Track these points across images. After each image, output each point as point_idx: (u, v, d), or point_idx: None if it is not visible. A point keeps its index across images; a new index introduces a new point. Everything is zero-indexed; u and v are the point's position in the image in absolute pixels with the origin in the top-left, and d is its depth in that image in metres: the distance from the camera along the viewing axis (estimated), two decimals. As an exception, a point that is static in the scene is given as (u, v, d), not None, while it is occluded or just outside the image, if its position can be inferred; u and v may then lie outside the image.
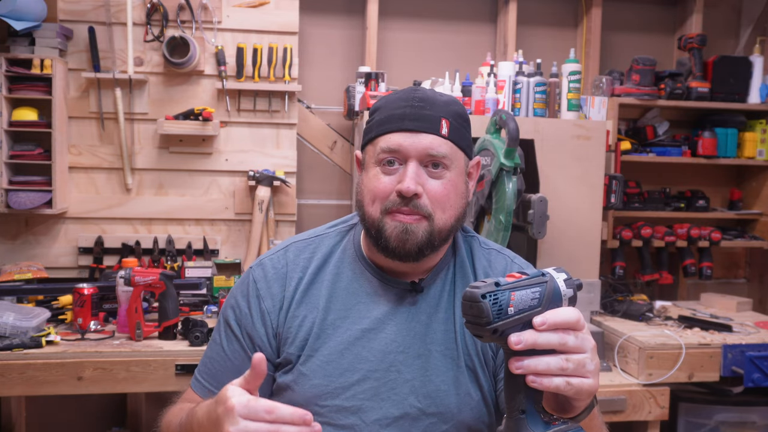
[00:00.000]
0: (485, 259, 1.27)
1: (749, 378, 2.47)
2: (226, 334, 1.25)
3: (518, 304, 0.85)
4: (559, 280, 0.89)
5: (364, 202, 1.19)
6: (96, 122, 2.89)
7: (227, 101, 2.94)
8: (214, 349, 1.27)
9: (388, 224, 1.15)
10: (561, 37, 3.36)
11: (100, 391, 2.23)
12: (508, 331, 0.85)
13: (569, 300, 0.89)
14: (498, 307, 0.84)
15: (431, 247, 1.16)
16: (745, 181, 3.42)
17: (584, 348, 0.88)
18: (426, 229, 1.14)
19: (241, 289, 1.26)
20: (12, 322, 2.22)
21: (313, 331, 1.19)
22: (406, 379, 1.18)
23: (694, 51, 3.13)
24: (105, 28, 2.84)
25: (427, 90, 1.20)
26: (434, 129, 1.15)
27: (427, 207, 1.14)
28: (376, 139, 1.17)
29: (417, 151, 1.14)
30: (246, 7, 2.95)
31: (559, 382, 0.85)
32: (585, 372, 0.87)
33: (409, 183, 1.12)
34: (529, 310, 0.86)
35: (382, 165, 1.16)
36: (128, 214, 2.93)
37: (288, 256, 1.25)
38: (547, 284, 0.88)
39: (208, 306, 2.68)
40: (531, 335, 0.85)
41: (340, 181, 3.21)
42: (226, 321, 1.26)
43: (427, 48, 3.28)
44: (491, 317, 0.83)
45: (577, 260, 2.69)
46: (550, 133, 2.67)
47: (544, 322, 0.86)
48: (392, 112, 1.17)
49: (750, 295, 3.41)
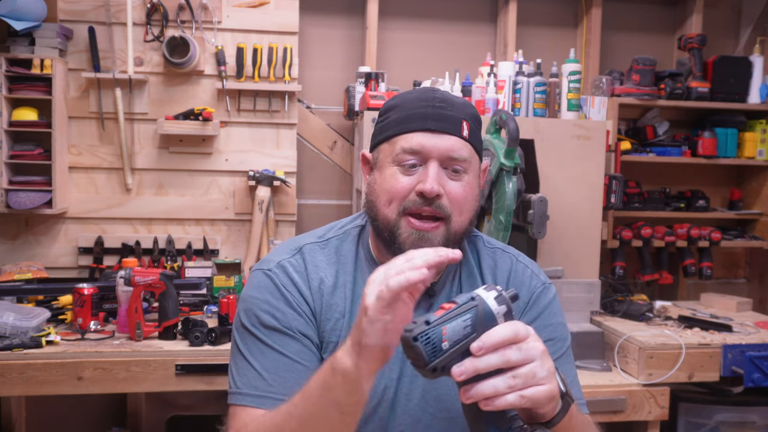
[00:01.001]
0: (491, 259, 1.27)
1: (749, 378, 2.47)
2: (276, 339, 1.13)
3: (451, 337, 0.85)
4: (489, 300, 0.88)
5: (378, 202, 1.15)
6: (96, 122, 2.89)
7: (227, 101, 2.94)
8: (269, 358, 1.12)
9: (404, 228, 1.12)
10: (561, 37, 3.36)
11: (100, 391, 2.23)
12: (449, 364, 0.85)
13: (504, 315, 0.88)
14: (432, 346, 0.84)
15: None
16: (745, 181, 3.42)
17: (530, 358, 0.87)
18: (443, 235, 1.13)
19: (270, 292, 1.16)
20: (12, 322, 2.22)
21: (341, 336, 1.16)
22: (419, 384, 1.18)
23: (694, 51, 3.13)
24: (105, 28, 2.84)
25: (443, 91, 1.18)
26: (456, 130, 1.13)
27: (447, 208, 1.12)
28: (395, 138, 1.14)
29: (439, 152, 1.12)
30: (246, 7, 2.95)
31: (512, 398, 0.86)
32: (536, 381, 0.87)
33: (432, 183, 1.10)
34: (464, 339, 0.85)
35: (401, 165, 1.13)
36: (128, 214, 2.93)
37: (305, 258, 1.20)
38: (477, 308, 0.87)
39: (208, 306, 2.68)
40: (471, 363, 0.85)
41: (340, 181, 3.21)
42: (268, 326, 1.13)
43: (427, 48, 3.27)
44: (426, 358, 0.84)
45: (577, 260, 2.70)
46: (550, 133, 2.67)
47: (481, 347, 0.85)
48: (412, 111, 1.14)
49: (750, 295, 3.41)
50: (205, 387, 2.26)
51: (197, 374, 2.24)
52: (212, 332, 2.30)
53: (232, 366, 1.16)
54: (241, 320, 1.17)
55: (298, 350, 1.13)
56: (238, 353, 1.15)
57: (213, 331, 2.31)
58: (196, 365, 2.24)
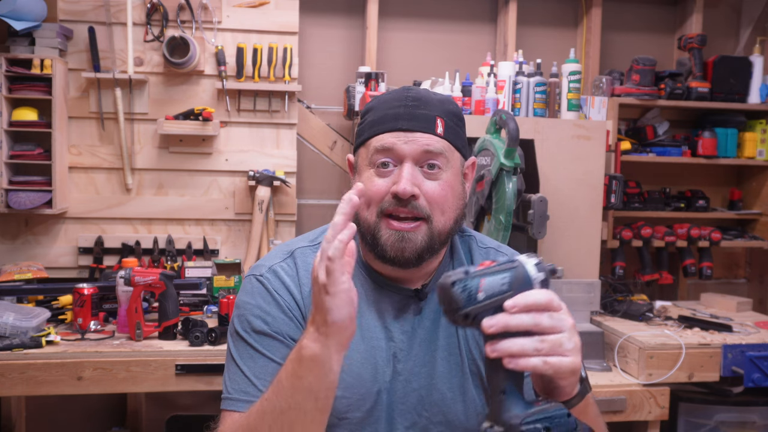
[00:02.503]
0: (483, 259, 1.25)
1: (749, 378, 2.47)
2: (266, 345, 1.13)
3: (488, 290, 0.88)
4: (529, 265, 0.90)
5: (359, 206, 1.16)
6: (96, 122, 2.89)
7: (227, 101, 2.94)
8: (258, 364, 1.12)
9: (384, 230, 1.11)
10: (561, 37, 3.36)
11: (100, 391, 2.23)
12: (480, 316, 0.87)
13: (541, 283, 0.90)
14: (467, 294, 0.87)
15: (431, 252, 1.14)
16: (745, 181, 3.42)
17: (561, 327, 0.88)
18: (425, 234, 1.12)
19: (262, 297, 1.16)
20: (12, 322, 2.22)
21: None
22: (414, 389, 1.17)
23: (694, 51, 3.13)
24: (105, 28, 2.84)
25: (421, 89, 1.17)
26: (429, 128, 1.12)
27: (426, 208, 1.11)
28: (369, 141, 1.14)
29: (412, 151, 1.11)
30: (246, 7, 2.95)
31: (536, 361, 0.87)
32: (563, 351, 0.88)
33: (405, 184, 1.09)
34: (499, 294, 0.88)
35: (375, 167, 1.12)
36: (128, 214, 2.93)
37: (297, 262, 1.19)
38: (517, 269, 0.90)
39: (208, 306, 2.68)
40: (503, 318, 0.86)
41: (340, 181, 3.21)
42: (259, 332, 1.13)
43: (427, 48, 3.28)
44: (461, 303, 0.87)
45: (577, 260, 2.69)
46: (550, 133, 2.67)
47: (515, 305, 0.87)
48: (385, 113, 1.13)
49: (750, 295, 3.41)
50: (205, 387, 2.26)
51: (197, 374, 2.24)
52: (212, 332, 2.30)
53: (225, 371, 1.17)
54: (234, 326, 1.17)
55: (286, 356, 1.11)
56: (230, 359, 1.16)
57: (213, 331, 2.31)
58: (196, 365, 2.24)
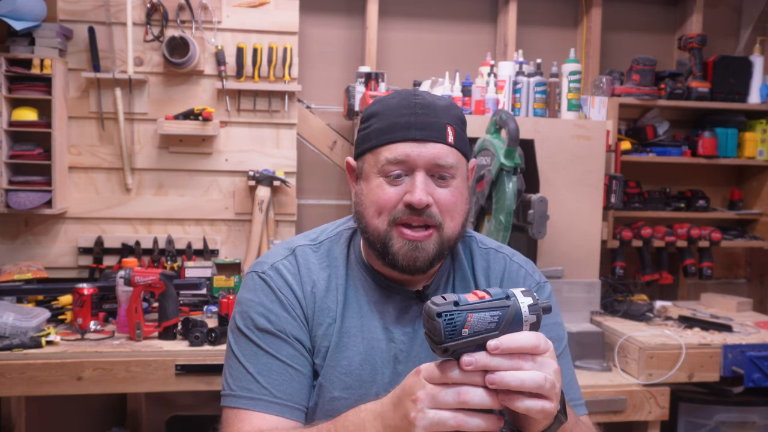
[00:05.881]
0: (484, 260, 1.26)
1: (749, 378, 2.47)
2: (269, 342, 1.14)
3: (474, 326, 0.85)
4: (524, 305, 0.88)
5: (366, 214, 1.14)
6: (96, 122, 2.89)
7: (227, 101, 2.94)
8: (261, 361, 1.13)
9: (396, 239, 1.12)
10: (561, 37, 3.36)
11: (100, 391, 2.23)
12: (460, 350, 0.85)
13: (531, 325, 0.88)
14: (452, 328, 0.84)
15: (441, 258, 1.15)
16: (745, 181, 3.42)
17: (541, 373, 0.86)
18: (436, 242, 1.12)
19: (265, 294, 1.17)
20: (12, 322, 2.22)
21: (332, 341, 1.16)
22: None
23: (694, 51, 3.13)
24: (105, 28, 2.84)
25: (425, 94, 1.16)
26: (441, 137, 1.11)
27: (438, 216, 1.11)
28: (379, 149, 1.13)
29: (425, 161, 1.10)
30: (246, 7, 2.95)
31: (510, 398, 0.85)
32: (541, 393, 0.86)
33: (420, 195, 1.09)
34: (485, 332, 0.85)
35: (386, 176, 1.12)
36: (128, 214, 2.93)
37: (298, 260, 1.20)
38: (509, 308, 0.87)
39: (208, 306, 2.68)
40: (482, 358, 0.85)
41: (340, 181, 3.21)
42: (262, 329, 1.14)
43: (427, 48, 3.28)
44: (443, 337, 0.84)
45: (577, 260, 2.69)
46: (550, 133, 2.67)
47: (498, 347, 0.85)
48: (395, 121, 1.12)
49: (750, 295, 3.41)
50: (205, 387, 2.26)
51: (197, 374, 2.24)
52: (212, 332, 2.30)
53: (226, 368, 1.17)
54: (236, 323, 1.18)
55: (290, 354, 1.14)
56: (232, 355, 1.16)
57: (213, 331, 2.31)
58: (196, 365, 2.24)
